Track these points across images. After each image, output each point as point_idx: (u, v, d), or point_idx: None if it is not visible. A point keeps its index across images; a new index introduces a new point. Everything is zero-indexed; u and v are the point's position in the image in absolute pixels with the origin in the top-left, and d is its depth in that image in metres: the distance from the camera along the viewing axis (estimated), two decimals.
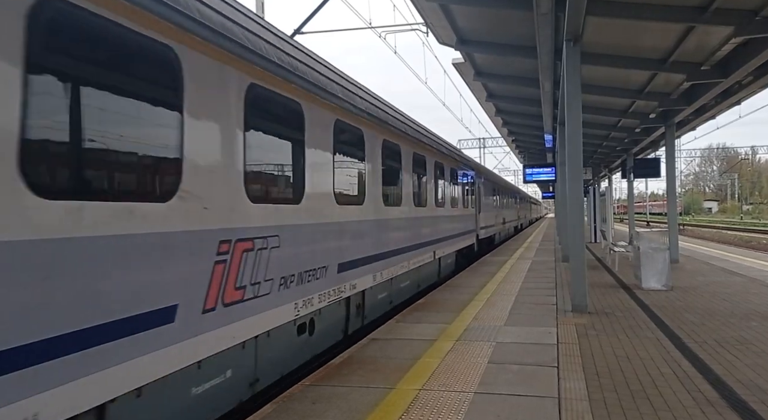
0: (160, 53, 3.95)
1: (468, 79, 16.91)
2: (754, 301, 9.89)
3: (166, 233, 3.91)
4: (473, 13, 11.19)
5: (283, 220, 5.61)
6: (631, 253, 14.83)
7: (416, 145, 11.04)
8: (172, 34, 4.02)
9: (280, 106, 5.73)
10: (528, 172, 20.85)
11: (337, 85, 7.04)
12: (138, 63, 3.78)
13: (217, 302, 4.44)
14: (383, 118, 8.87)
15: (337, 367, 5.94)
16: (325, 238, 6.64)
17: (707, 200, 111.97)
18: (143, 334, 3.64)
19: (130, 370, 3.53)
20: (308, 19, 13.03)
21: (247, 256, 4.88)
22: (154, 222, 3.80)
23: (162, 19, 3.88)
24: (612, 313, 8.99)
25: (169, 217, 3.96)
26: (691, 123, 18.20)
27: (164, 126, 4.02)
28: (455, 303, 9.83)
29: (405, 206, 10.20)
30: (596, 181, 33.16)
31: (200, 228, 4.29)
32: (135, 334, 3.57)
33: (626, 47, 11.22)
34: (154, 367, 3.74)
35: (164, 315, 3.84)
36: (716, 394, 5.05)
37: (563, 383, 5.33)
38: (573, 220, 9.75)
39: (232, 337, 4.64)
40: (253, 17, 5.39)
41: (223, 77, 4.67)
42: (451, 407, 4.69)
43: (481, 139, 60.69)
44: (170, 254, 3.95)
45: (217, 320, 4.43)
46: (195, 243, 4.21)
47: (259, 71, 5.15)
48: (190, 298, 4.12)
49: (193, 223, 4.21)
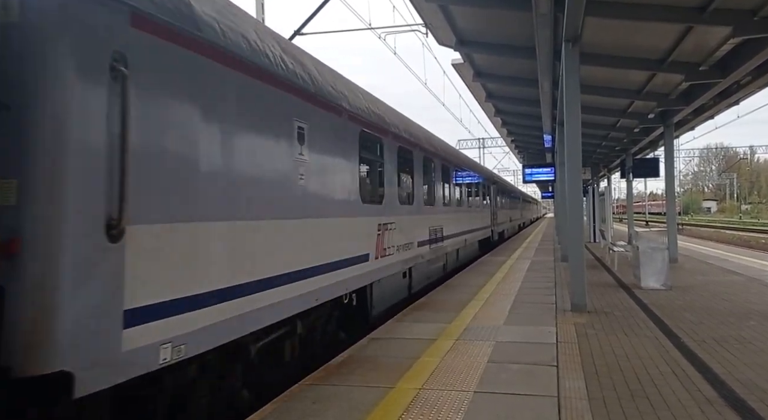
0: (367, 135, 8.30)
1: (467, 80, 16.95)
2: (753, 300, 9.92)
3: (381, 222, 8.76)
4: (472, 14, 11.21)
5: (396, 212, 9.64)
6: (630, 253, 14.86)
7: (463, 168, 16.88)
8: (378, 130, 8.80)
9: (374, 142, 8.81)
10: (527, 173, 20.89)
11: (401, 125, 10.35)
12: (366, 146, 8.25)
13: (378, 254, 8.56)
14: (452, 153, 15.26)
15: (336, 367, 5.95)
16: (412, 227, 10.68)
17: (706, 200, 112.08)
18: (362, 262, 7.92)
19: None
20: (308, 20, 13.06)
21: (385, 233, 8.91)
22: (378, 215, 8.67)
23: (375, 121, 8.77)
24: (611, 312, 9.01)
25: (382, 212, 8.86)
26: (689, 123, 18.23)
27: (376, 171, 9.06)
28: (455, 303, 9.84)
29: (455, 206, 15.48)
30: (595, 181, 33.18)
31: (376, 218, 8.59)
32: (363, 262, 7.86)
33: (625, 48, 11.24)
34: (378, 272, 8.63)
35: (366, 256, 8.06)
36: (715, 392, 5.06)
37: (562, 382, 5.34)
38: (572, 220, 9.77)
39: (387, 266, 9.11)
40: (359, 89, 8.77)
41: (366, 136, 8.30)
42: (451, 406, 4.70)
43: (480, 140, 60.79)
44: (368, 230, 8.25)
45: (381, 261, 8.74)
46: (374, 225, 8.48)
47: (365, 122, 8.17)
48: (372, 251, 8.30)
49: (372, 214, 8.44)
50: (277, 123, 5.44)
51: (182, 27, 4.10)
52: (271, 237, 5.26)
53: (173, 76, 4.03)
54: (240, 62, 4.81)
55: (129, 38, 3.59)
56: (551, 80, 12.91)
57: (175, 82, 4.04)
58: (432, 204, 12.66)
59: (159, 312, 3.77)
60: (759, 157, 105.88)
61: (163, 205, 3.87)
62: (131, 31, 3.61)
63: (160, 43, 3.86)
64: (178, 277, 3.97)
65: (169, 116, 3.98)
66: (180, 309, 3.96)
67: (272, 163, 5.34)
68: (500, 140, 50.08)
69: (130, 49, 3.57)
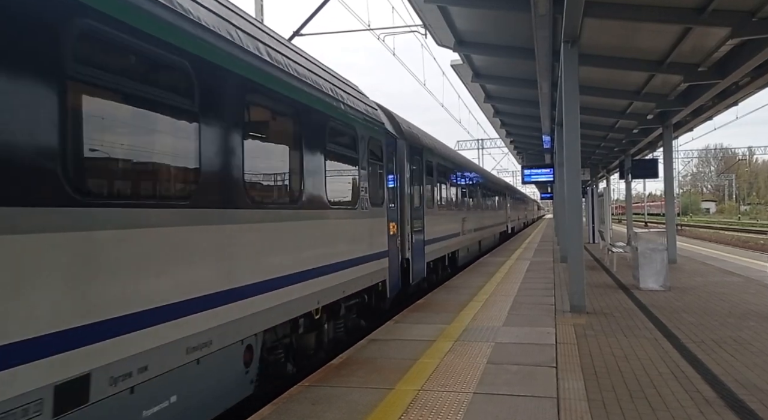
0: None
1: (466, 81, 16.97)
2: (752, 301, 9.92)
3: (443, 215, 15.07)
4: (471, 15, 11.22)
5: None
6: (629, 254, 14.87)
7: (489, 185, 25.04)
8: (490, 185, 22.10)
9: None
10: (527, 173, 20.93)
11: (488, 176, 21.59)
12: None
13: (461, 233, 16.44)
14: (493, 179, 28.51)
15: (336, 368, 5.95)
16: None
17: (705, 201, 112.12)
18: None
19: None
20: (307, 20, 13.07)
21: (464, 222, 16.72)
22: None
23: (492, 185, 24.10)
24: (610, 313, 9.01)
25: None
26: (688, 124, 18.24)
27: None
28: (454, 303, 9.84)
29: (483, 209, 22.54)
30: (594, 182, 33.22)
31: (461, 213, 17.08)
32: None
33: (624, 49, 11.25)
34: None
35: (459, 233, 16.67)
36: (714, 393, 5.07)
37: (562, 383, 5.34)
38: (571, 221, 9.77)
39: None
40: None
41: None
42: (450, 407, 4.70)
43: (479, 140, 60.79)
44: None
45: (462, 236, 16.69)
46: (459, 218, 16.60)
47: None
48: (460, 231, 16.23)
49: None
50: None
51: None
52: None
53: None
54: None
55: None
56: (550, 81, 12.92)
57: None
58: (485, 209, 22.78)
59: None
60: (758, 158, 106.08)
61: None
62: None
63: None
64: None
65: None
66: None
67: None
68: (499, 141, 50.14)
69: None
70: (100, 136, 3.56)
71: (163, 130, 4.15)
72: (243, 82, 5.05)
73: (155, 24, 3.90)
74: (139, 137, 3.95)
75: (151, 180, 4.05)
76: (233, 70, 4.89)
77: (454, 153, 18.10)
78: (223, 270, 4.68)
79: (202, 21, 4.52)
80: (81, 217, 3.26)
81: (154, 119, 4.03)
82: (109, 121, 3.64)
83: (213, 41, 4.61)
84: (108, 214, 3.47)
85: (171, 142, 4.24)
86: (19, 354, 2.83)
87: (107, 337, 3.38)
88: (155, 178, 4.09)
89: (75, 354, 3.14)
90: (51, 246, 3.06)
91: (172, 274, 4.03)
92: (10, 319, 2.82)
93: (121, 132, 3.77)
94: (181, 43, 4.18)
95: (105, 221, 3.44)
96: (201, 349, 4.30)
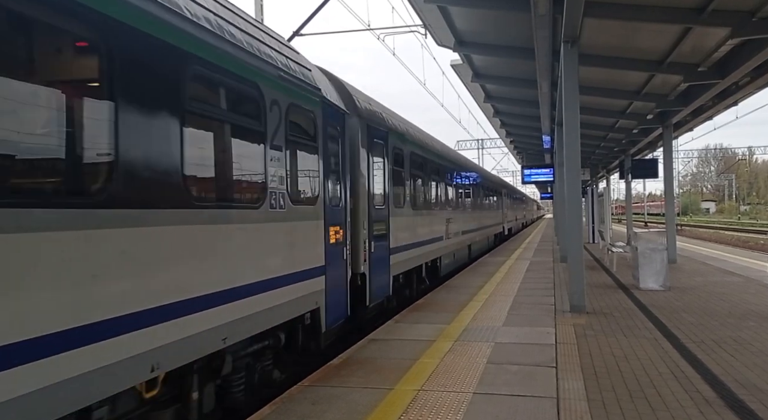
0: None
1: (466, 81, 16.97)
2: (752, 301, 9.92)
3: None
4: (471, 15, 11.22)
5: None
6: (629, 254, 14.87)
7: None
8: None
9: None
10: (526, 173, 20.94)
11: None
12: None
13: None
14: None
15: (336, 368, 5.95)
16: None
17: (705, 201, 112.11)
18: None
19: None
20: (307, 21, 13.07)
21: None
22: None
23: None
24: (610, 313, 9.01)
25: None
26: (688, 124, 18.25)
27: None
28: (454, 303, 9.84)
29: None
30: (594, 182, 33.23)
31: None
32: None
33: (624, 49, 11.25)
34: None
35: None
36: (714, 393, 5.07)
37: (562, 383, 5.34)
38: (571, 221, 9.77)
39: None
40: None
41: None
42: (450, 407, 4.70)
43: (479, 140, 60.75)
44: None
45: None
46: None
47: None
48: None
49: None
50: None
51: None
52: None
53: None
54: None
55: None
56: (550, 81, 12.92)
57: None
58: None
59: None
60: (758, 158, 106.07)
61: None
62: None
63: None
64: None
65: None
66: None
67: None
68: (499, 141, 50.11)
69: None
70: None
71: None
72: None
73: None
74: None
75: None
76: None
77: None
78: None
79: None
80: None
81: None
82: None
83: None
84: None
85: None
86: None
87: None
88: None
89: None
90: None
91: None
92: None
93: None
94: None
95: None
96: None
